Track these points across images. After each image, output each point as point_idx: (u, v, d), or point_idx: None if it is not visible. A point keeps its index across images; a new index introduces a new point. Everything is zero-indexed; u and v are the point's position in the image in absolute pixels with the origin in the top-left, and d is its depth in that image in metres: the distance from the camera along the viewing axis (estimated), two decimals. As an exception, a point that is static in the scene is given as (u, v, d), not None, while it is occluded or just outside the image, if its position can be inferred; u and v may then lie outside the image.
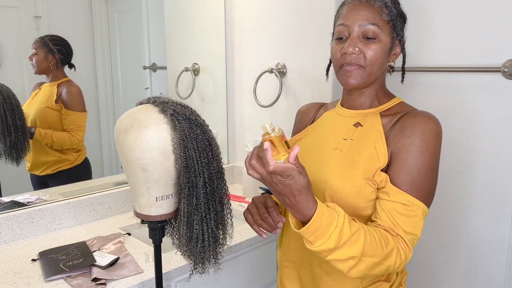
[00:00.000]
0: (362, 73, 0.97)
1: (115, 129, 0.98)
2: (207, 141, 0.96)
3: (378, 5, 0.95)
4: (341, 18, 0.99)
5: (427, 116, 0.93)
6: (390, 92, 1.07)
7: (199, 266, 1.02)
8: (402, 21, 1.00)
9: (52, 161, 1.64)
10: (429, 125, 0.91)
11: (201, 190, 0.95)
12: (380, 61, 0.96)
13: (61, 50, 1.61)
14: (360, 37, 0.95)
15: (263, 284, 1.61)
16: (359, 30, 0.95)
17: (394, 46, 0.99)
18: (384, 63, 0.99)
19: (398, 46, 1.01)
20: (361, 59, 0.95)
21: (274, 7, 1.83)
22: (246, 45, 1.99)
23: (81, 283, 1.18)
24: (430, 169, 0.91)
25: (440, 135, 0.93)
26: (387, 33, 0.96)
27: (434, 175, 0.92)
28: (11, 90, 1.47)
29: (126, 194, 1.73)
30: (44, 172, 1.63)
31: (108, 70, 1.75)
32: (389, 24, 0.96)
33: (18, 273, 1.26)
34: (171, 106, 0.95)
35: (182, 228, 0.98)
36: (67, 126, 1.64)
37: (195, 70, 2.03)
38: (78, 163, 1.71)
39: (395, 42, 0.99)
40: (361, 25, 0.94)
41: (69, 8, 1.61)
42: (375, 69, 0.97)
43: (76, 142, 1.66)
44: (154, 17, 1.88)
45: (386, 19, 0.95)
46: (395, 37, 0.98)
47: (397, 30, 0.98)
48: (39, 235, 1.52)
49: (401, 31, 1.00)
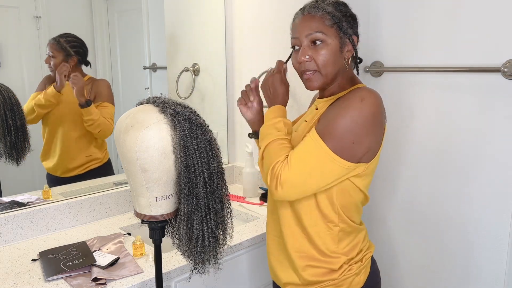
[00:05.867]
0: (319, 76, 1.09)
1: (115, 129, 0.98)
2: (207, 141, 0.96)
3: (319, 14, 1.06)
4: (292, 32, 1.13)
5: (360, 89, 1.05)
6: (357, 80, 1.16)
7: (199, 266, 1.02)
8: (350, 20, 1.09)
9: (81, 164, 1.67)
10: (355, 92, 1.04)
11: (201, 190, 0.95)
12: (331, 62, 1.08)
13: (79, 52, 1.63)
14: (310, 45, 1.08)
15: (263, 284, 1.61)
16: (307, 39, 1.08)
17: (344, 45, 1.08)
18: (337, 62, 1.09)
19: (349, 43, 1.10)
20: (313, 65, 1.08)
21: (274, 7, 1.83)
22: (246, 45, 1.99)
23: (81, 283, 1.18)
24: (343, 118, 1.01)
25: (367, 100, 1.02)
26: (333, 36, 1.07)
27: (351, 128, 1.01)
28: (11, 90, 1.47)
29: (126, 194, 1.73)
30: (70, 174, 1.66)
31: (108, 70, 1.75)
32: (333, 28, 1.06)
33: (18, 273, 1.26)
34: (171, 106, 0.95)
35: (182, 228, 0.98)
36: (104, 117, 1.69)
37: (195, 70, 2.03)
38: (105, 160, 1.75)
39: (345, 41, 1.08)
40: (308, 35, 1.07)
41: (69, 8, 1.61)
42: (329, 70, 1.08)
43: (112, 131, 1.69)
44: (154, 17, 1.88)
45: (329, 24, 1.06)
46: (343, 36, 1.08)
47: (344, 30, 1.07)
48: (39, 235, 1.52)
49: (350, 30, 1.09)
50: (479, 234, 1.49)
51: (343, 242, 1.12)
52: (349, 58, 1.11)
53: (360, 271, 1.13)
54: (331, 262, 1.11)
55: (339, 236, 1.11)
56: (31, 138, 1.53)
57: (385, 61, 1.65)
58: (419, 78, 1.57)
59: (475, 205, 1.48)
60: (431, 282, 1.64)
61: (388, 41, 1.63)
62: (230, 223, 1.05)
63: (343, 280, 1.11)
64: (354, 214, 1.13)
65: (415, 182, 1.63)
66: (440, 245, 1.59)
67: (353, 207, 1.12)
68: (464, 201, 1.51)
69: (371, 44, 1.66)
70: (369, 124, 1.02)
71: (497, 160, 1.42)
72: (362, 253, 1.16)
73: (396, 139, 1.66)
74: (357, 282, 1.13)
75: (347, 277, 1.11)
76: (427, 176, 1.59)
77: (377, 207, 1.76)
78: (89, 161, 1.70)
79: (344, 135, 1.00)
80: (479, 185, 1.46)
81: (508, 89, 1.37)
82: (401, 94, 1.63)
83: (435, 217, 1.59)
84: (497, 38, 1.36)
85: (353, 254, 1.13)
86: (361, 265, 1.14)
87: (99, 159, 1.73)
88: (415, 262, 1.67)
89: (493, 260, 1.47)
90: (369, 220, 1.78)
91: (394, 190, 1.70)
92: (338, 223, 1.10)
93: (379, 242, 1.77)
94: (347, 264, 1.12)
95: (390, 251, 1.75)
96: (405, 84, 1.61)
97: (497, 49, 1.37)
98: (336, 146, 1.00)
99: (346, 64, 1.10)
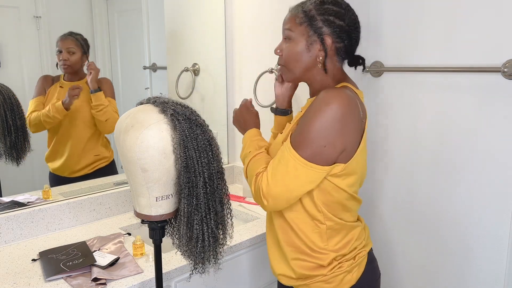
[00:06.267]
0: (285, 70, 1.17)
1: (115, 129, 0.98)
2: (207, 141, 0.96)
3: (294, 12, 1.13)
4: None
5: (326, 92, 1.06)
6: (342, 79, 1.16)
7: (199, 266, 1.02)
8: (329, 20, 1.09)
9: (89, 163, 1.69)
10: (321, 96, 1.05)
11: (201, 190, 0.95)
12: (294, 58, 1.13)
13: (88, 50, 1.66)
14: (284, 41, 1.16)
15: (263, 284, 1.61)
16: (283, 35, 1.17)
17: (312, 44, 1.10)
18: (303, 60, 1.12)
19: (319, 43, 1.10)
20: (282, 60, 1.17)
21: (274, 7, 1.83)
22: (246, 45, 1.99)
23: (81, 283, 1.18)
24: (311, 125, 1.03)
25: (332, 103, 1.02)
26: (300, 34, 1.11)
27: (320, 133, 1.02)
28: (11, 90, 1.47)
29: (126, 194, 1.73)
30: (78, 174, 1.68)
31: (108, 70, 1.75)
32: (302, 26, 1.10)
33: (18, 273, 1.26)
34: (171, 106, 0.95)
35: (182, 228, 0.98)
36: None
37: (195, 70, 2.03)
38: (111, 159, 1.78)
39: (314, 39, 1.10)
40: (283, 31, 1.16)
41: (69, 8, 1.61)
42: (292, 66, 1.14)
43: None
44: (154, 17, 1.88)
45: (298, 22, 1.11)
46: (312, 35, 1.10)
47: (315, 29, 1.09)
48: (39, 235, 1.52)
49: (324, 29, 1.09)
50: (479, 234, 1.49)
51: (333, 239, 1.13)
52: (323, 57, 1.11)
53: (352, 269, 1.14)
54: (319, 258, 1.13)
55: (327, 233, 1.12)
56: (31, 138, 1.54)
57: (385, 61, 1.65)
58: (419, 78, 1.57)
59: (475, 205, 1.48)
60: (431, 282, 1.64)
61: (388, 41, 1.63)
62: (230, 223, 1.05)
63: (333, 277, 1.12)
64: (340, 212, 1.13)
65: (414, 182, 1.63)
66: (440, 245, 1.59)
67: (338, 205, 1.12)
68: (464, 201, 1.51)
69: (371, 44, 1.66)
70: (338, 125, 1.03)
71: (497, 160, 1.42)
72: (355, 251, 1.16)
73: (396, 139, 1.66)
74: (349, 279, 1.13)
75: (337, 274, 1.12)
76: (427, 176, 1.59)
77: (377, 206, 1.76)
78: (97, 160, 1.72)
79: (314, 141, 1.02)
80: (479, 185, 1.46)
81: (508, 89, 1.37)
82: (401, 94, 1.63)
83: (435, 217, 1.59)
84: (497, 38, 1.36)
85: (344, 251, 1.14)
86: (353, 263, 1.14)
87: (107, 158, 1.76)
88: (415, 262, 1.67)
89: (493, 260, 1.47)
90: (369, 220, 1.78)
91: (393, 190, 1.70)
92: (325, 221, 1.11)
93: (378, 241, 1.77)
94: (337, 261, 1.13)
95: (390, 251, 1.75)
96: (405, 84, 1.61)
97: (497, 49, 1.37)
98: (309, 154, 1.03)
99: (319, 63, 1.11)
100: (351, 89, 1.12)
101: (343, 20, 1.09)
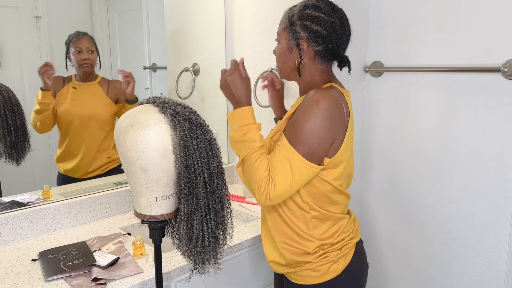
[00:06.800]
0: (278, 69, 1.27)
1: (115, 129, 0.98)
2: (207, 141, 0.96)
3: (283, 17, 1.21)
4: None
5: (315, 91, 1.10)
6: (330, 79, 1.20)
7: (199, 266, 1.02)
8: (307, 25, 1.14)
9: (102, 164, 1.71)
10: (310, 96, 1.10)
11: (201, 190, 0.95)
12: (280, 60, 1.22)
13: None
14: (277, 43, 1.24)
15: (263, 284, 1.61)
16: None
17: (292, 47, 1.18)
18: (287, 61, 1.20)
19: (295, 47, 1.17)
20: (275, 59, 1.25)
21: (274, 7, 1.83)
22: (246, 45, 1.99)
23: (81, 283, 1.18)
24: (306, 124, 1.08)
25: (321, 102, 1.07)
26: (283, 37, 1.20)
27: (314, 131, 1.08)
28: (11, 90, 1.47)
29: (126, 194, 1.73)
30: (90, 175, 1.69)
31: (108, 70, 1.75)
32: (285, 30, 1.19)
33: (18, 273, 1.26)
34: (171, 106, 0.95)
35: (182, 228, 0.98)
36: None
37: (195, 70, 2.03)
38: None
39: (293, 43, 1.17)
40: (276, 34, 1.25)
41: (69, 8, 1.61)
42: (280, 66, 1.23)
43: None
44: (154, 17, 1.88)
45: (283, 27, 1.20)
46: (291, 39, 1.17)
47: (293, 34, 1.16)
48: (39, 235, 1.52)
49: (302, 33, 1.15)
50: (479, 234, 1.49)
51: (319, 228, 1.18)
52: (298, 62, 1.18)
53: (338, 259, 1.18)
54: (305, 245, 1.18)
55: (313, 222, 1.17)
56: (31, 138, 1.54)
57: (385, 61, 1.65)
58: (419, 78, 1.57)
59: (475, 205, 1.48)
60: (431, 283, 1.64)
61: (388, 41, 1.63)
62: (230, 223, 1.05)
63: (320, 265, 1.17)
64: (325, 204, 1.18)
65: (414, 182, 1.63)
66: (440, 245, 1.59)
67: (322, 197, 1.17)
68: (464, 201, 1.51)
69: (371, 44, 1.66)
70: (328, 123, 1.09)
71: (497, 160, 1.42)
72: (342, 242, 1.20)
73: (396, 139, 1.66)
74: (334, 269, 1.17)
75: (323, 263, 1.17)
76: (426, 176, 1.59)
77: (377, 206, 1.76)
78: (109, 162, 1.74)
79: (310, 139, 1.08)
80: (479, 185, 1.46)
81: (508, 89, 1.37)
82: (401, 94, 1.63)
83: (435, 217, 1.59)
84: (497, 38, 1.36)
85: (330, 240, 1.18)
86: (339, 253, 1.18)
87: (118, 159, 1.76)
88: (415, 262, 1.67)
89: (493, 261, 1.47)
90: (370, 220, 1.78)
91: (395, 189, 1.70)
92: (310, 211, 1.17)
93: (377, 241, 1.77)
94: (323, 250, 1.17)
95: (389, 251, 1.75)
96: (405, 84, 1.61)
97: (497, 49, 1.37)
98: (306, 151, 1.08)
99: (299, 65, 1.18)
100: (337, 88, 1.16)
101: (320, 25, 1.14)
